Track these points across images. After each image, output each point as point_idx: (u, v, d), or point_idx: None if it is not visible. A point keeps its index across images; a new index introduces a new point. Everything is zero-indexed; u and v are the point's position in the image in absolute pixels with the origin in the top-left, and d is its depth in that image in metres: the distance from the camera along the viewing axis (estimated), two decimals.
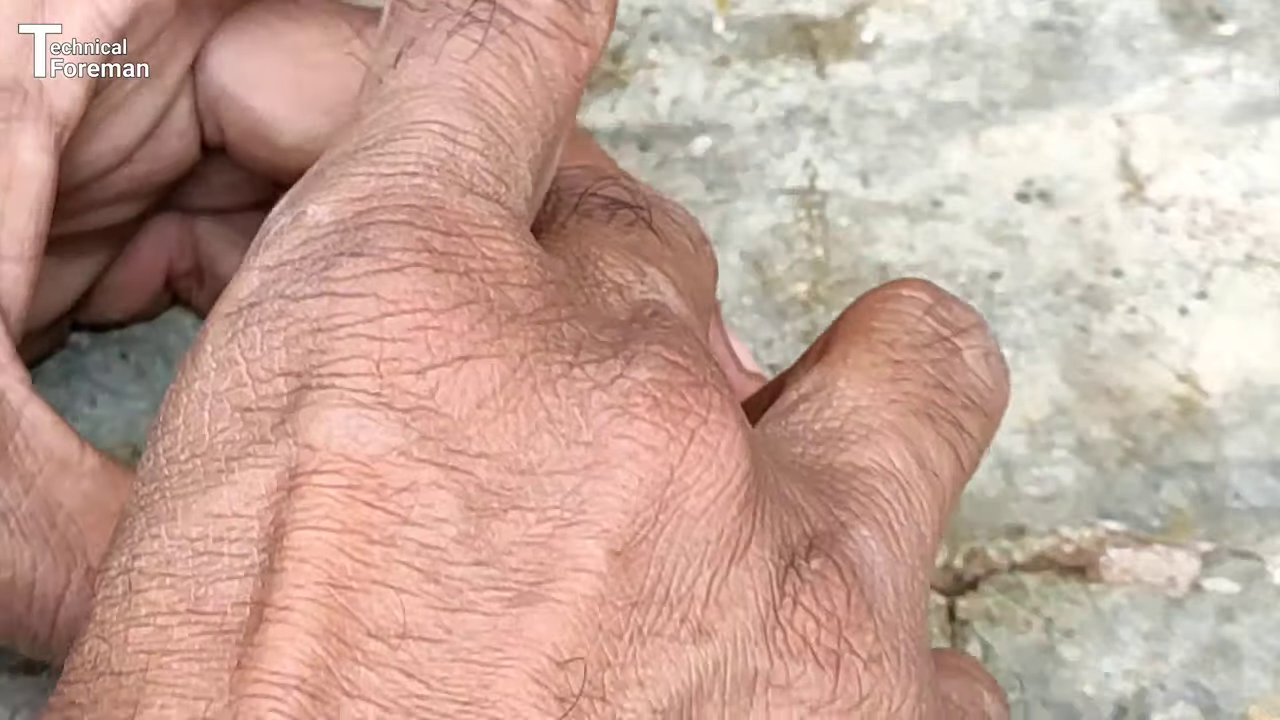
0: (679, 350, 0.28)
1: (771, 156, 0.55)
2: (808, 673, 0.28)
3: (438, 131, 0.29)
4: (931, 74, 0.58)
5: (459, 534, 0.26)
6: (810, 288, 0.52)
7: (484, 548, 0.26)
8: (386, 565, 0.25)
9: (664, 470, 0.27)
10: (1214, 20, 0.60)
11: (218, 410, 0.27)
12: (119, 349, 0.49)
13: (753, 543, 0.27)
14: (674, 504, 0.27)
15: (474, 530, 0.26)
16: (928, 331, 0.34)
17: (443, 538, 0.26)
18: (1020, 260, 0.52)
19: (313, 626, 0.25)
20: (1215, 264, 0.52)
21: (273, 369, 0.27)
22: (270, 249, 0.28)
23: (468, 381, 0.26)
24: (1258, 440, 0.49)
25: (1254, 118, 0.56)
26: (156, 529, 0.26)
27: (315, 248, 0.28)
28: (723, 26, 0.59)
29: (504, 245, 0.28)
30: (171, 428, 0.27)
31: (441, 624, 0.25)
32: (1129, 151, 0.56)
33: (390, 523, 0.25)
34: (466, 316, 0.27)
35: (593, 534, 0.26)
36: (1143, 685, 0.44)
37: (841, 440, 0.32)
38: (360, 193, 0.28)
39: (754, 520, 0.28)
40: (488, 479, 0.26)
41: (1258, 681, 0.44)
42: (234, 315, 0.28)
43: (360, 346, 0.26)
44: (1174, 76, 0.58)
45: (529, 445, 0.26)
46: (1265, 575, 0.46)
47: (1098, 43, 0.59)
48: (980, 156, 0.55)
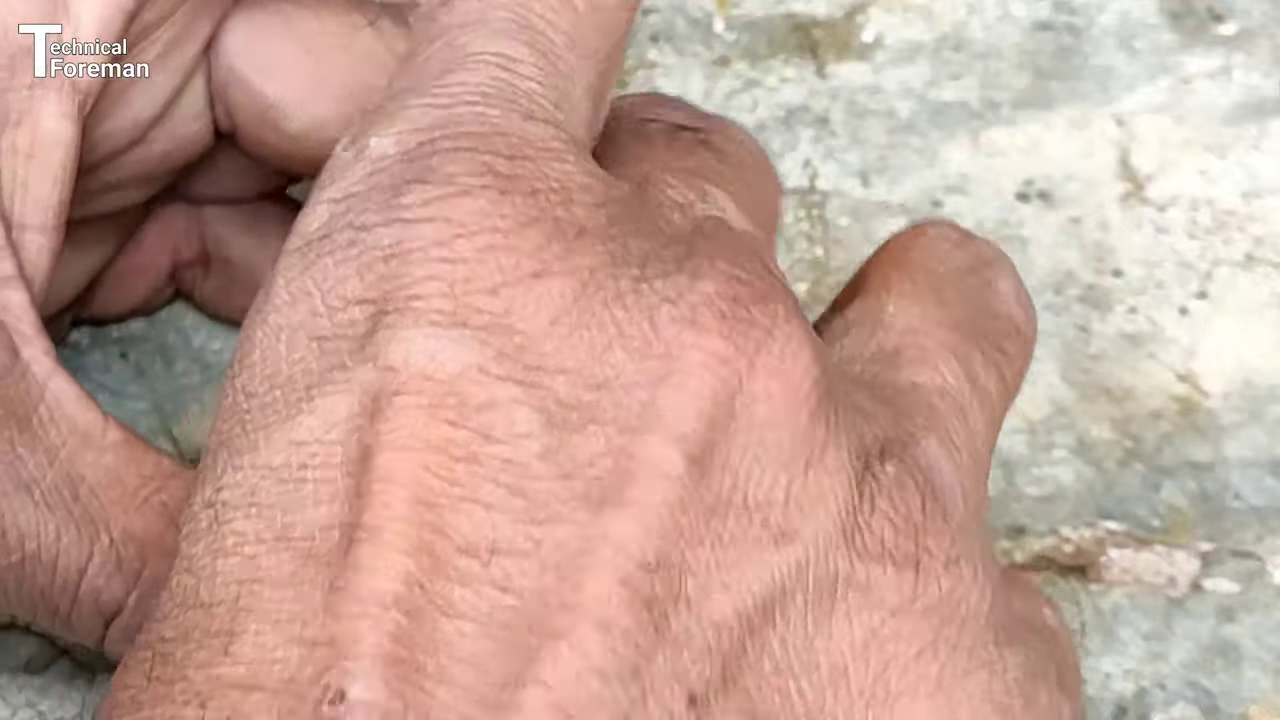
0: (742, 264, 0.28)
1: (771, 156, 0.55)
2: (888, 575, 0.28)
3: (493, 62, 0.29)
4: (931, 74, 0.58)
5: (541, 448, 0.26)
6: (810, 288, 0.52)
7: (566, 461, 0.26)
8: (473, 482, 0.25)
9: (733, 380, 0.27)
10: (1214, 20, 0.60)
11: (294, 341, 0.27)
12: (118, 349, 0.49)
13: (829, 446, 0.28)
14: (746, 412, 0.27)
15: (556, 444, 0.26)
16: (962, 262, 0.34)
17: (525, 453, 0.26)
18: (1020, 260, 0.52)
19: (404, 546, 0.25)
20: (1215, 264, 0.52)
21: (347, 297, 0.27)
22: (336, 182, 0.29)
23: (540, 299, 0.27)
24: (1258, 440, 0.49)
25: (1254, 118, 0.56)
26: (239, 460, 0.26)
27: (381, 179, 0.28)
28: (723, 26, 0.59)
29: (567, 166, 0.29)
30: (249, 364, 0.27)
31: (531, 536, 0.25)
32: (1129, 151, 0.56)
33: (474, 440, 0.26)
34: (535, 235, 0.27)
35: (670, 441, 0.26)
36: (1143, 685, 0.44)
37: (899, 358, 0.32)
38: (422, 123, 0.28)
39: (827, 425, 0.28)
40: (565, 394, 0.26)
41: (1258, 681, 0.44)
42: (304, 249, 0.28)
43: (433, 269, 0.27)
44: (1174, 76, 0.58)
45: (603, 360, 0.27)
46: (1265, 575, 0.46)
47: (1098, 43, 0.59)
48: (980, 156, 0.55)
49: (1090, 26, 0.59)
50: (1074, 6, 0.60)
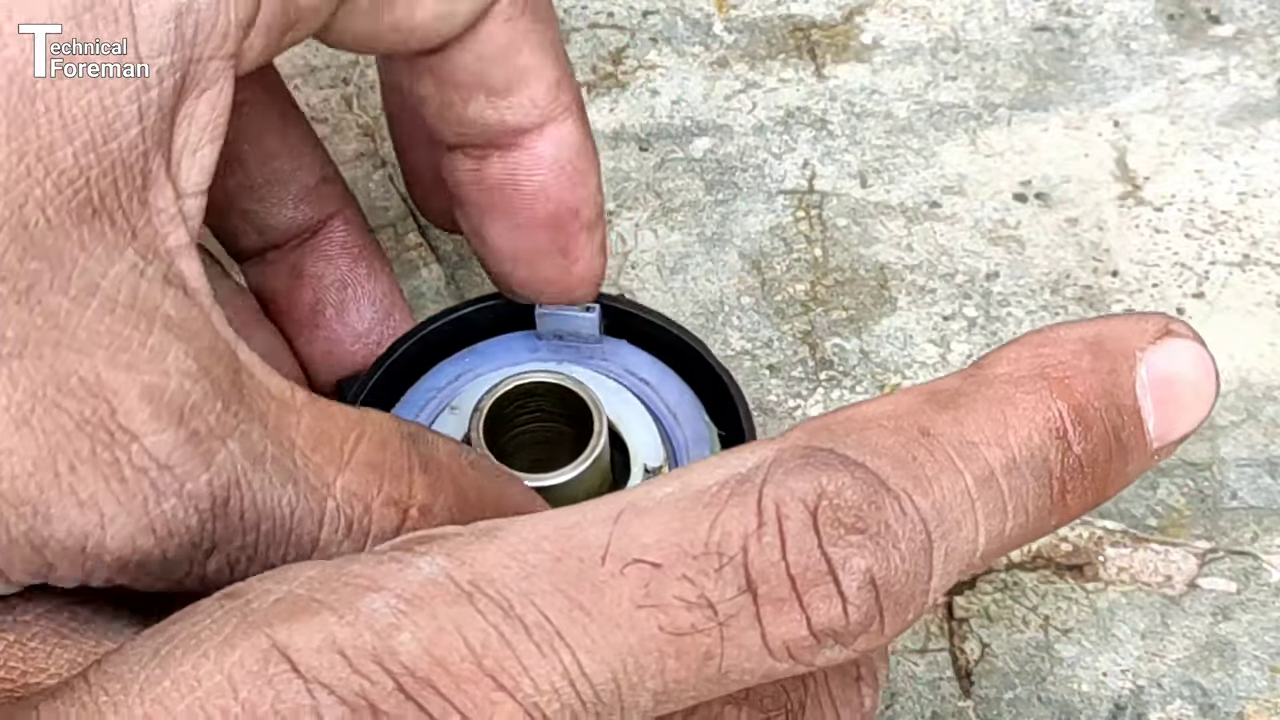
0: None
1: (770, 157, 0.55)
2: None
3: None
4: (929, 75, 0.58)
5: None
6: (809, 288, 0.52)
7: None
8: None
9: None
10: (1210, 22, 0.60)
11: None
12: None
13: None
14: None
15: None
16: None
17: None
18: (1018, 260, 0.53)
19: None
20: (1212, 264, 0.53)
21: None
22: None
23: None
24: (1254, 440, 0.49)
25: (1250, 119, 0.57)
26: None
27: None
28: (722, 28, 0.59)
29: None
30: None
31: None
32: (1126, 152, 0.56)
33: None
34: None
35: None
36: (1139, 683, 0.44)
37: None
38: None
39: None
40: None
41: (1254, 680, 0.44)
42: None
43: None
44: (1171, 78, 0.58)
45: None
46: (1262, 574, 0.46)
47: (1095, 44, 0.59)
48: (978, 157, 0.56)
49: (1087, 28, 0.60)
50: (1071, 8, 0.60)
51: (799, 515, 0.28)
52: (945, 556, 0.30)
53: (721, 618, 0.28)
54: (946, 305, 0.51)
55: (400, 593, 0.27)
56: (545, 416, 0.42)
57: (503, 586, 0.27)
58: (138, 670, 0.27)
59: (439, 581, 0.27)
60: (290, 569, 0.28)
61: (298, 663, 0.26)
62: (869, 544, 0.29)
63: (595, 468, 0.40)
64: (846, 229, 0.53)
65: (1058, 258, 0.53)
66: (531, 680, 0.27)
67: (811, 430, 0.30)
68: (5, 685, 0.31)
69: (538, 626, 0.27)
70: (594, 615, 0.27)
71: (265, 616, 0.27)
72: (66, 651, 0.32)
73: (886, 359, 0.50)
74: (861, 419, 0.30)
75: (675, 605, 0.28)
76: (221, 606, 0.27)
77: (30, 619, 0.32)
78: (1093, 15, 0.60)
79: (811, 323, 0.51)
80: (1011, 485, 0.30)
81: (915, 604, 0.29)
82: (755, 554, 0.28)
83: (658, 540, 0.28)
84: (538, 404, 0.41)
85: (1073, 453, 0.31)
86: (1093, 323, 0.33)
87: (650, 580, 0.28)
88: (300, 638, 0.27)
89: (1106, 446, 0.32)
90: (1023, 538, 0.31)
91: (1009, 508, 0.31)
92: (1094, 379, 0.32)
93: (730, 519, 0.28)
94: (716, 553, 0.28)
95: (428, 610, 0.27)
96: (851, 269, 0.52)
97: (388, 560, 0.28)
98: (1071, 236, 0.53)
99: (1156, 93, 0.57)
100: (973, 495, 0.30)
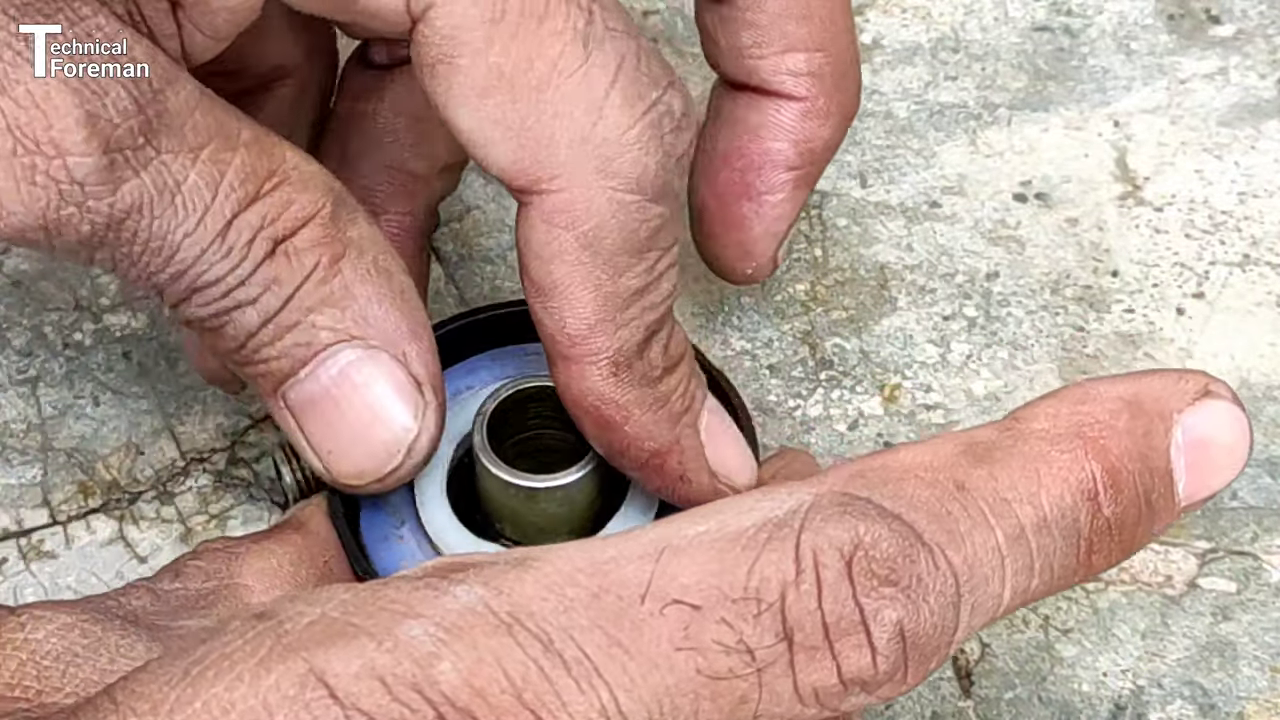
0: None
1: None
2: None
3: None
4: (929, 75, 0.58)
5: None
6: (809, 288, 0.52)
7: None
8: None
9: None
10: (1210, 22, 0.60)
11: None
12: (121, 348, 0.49)
13: None
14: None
15: None
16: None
17: None
18: (1018, 260, 0.53)
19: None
20: (1212, 264, 0.53)
21: None
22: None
23: None
24: (1255, 440, 0.49)
25: (1250, 119, 0.57)
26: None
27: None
28: None
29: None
30: None
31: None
32: (1126, 152, 0.56)
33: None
34: None
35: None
36: (1140, 683, 0.44)
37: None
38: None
39: None
40: None
41: (1254, 680, 0.44)
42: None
43: None
44: (1171, 78, 0.58)
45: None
46: (1262, 574, 0.46)
47: (1095, 44, 0.59)
48: (978, 157, 0.56)
49: (1087, 28, 0.60)
50: (1071, 8, 0.60)
51: (835, 564, 0.29)
52: (971, 610, 0.30)
53: (759, 664, 0.28)
54: (946, 305, 0.51)
55: (439, 621, 0.27)
56: (546, 422, 0.42)
57: (541, 620, 0.27)
58: (167, 691, 0.26)
59: (478, 611, 0.27)
60: (322, 591, 0.28)
61: (335, 689, 0.26)
62: (901, 596, 0.29)
63: (596, 472, 0.40)
64: (846, 229, 0.53)
65: (1058, 258, 0.53)
66: (570, 716, 0.27)
67: (848, 476, 0.30)
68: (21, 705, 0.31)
69: (576, 662, 0.27)
70: (633, 654, 0.28)
71: (301, 640, 0.27)
72: (81, 670, 0.32)
73: (886, 359, 0.50)
74: (899, 468, 0.31)
75: (714, 649, 0.28)
76: (253, 627, 0.27)
77: (42, 637, 0.32)
78: (1093, 15, 0.60)
79: (811, 323, 0.51)
80: (1040, 544, 0.31)
81: (939, 655, 0.30)
82: (793, 601, 0.28)
83: (697, 581, 0.28)
84: (539, 409, 0.41)
85: (1102, 515, 0.32)
86: (1133, 379, 0.33)
87: (690, 622, 0.28)
88: (338, 663, 0.26)
89: (1136, 509, 0.32)
90: (1045, 593, 0.32)
91: (1036, 565, 0.31)
92: (1129, 440, 0.32)
93: (769, 564, 0.29)
94: (755, 598, 0.28)
95: (467, 640, 0.27)
96: (851, 269, 0.52)
97: (423, 587, 0.28)
98: (1071, 236, 0.53)
99: (1156, 93, 0.57)
100: (1003, 552, 0.30)
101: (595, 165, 0.35)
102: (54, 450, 0.47)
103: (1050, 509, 0.31)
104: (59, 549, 0.45)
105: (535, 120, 0.35)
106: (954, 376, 0.50)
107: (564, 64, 0.35)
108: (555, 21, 0.35)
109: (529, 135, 0.35)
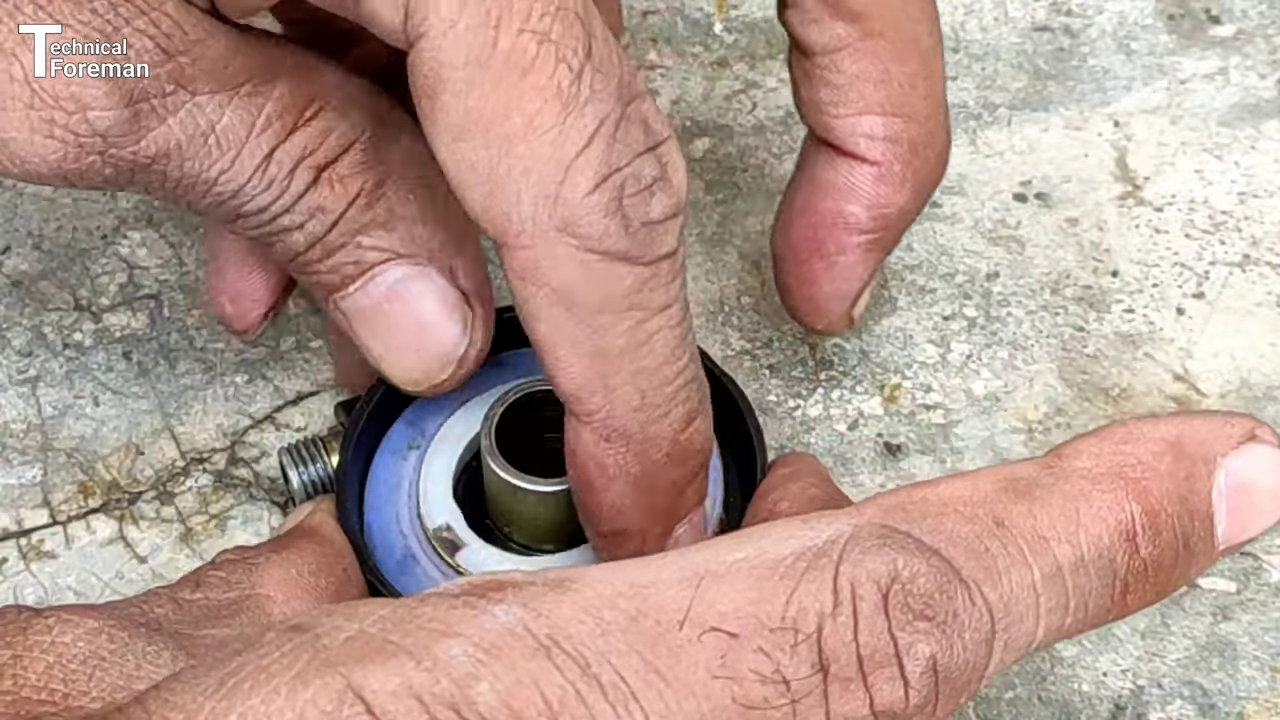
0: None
1: (770, 157, 0.55)
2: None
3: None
4: None
5: None
6: None
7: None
8: None
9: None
10: (1210, 22, 0.60)
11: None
12: (121, 348, 0.49)
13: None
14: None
15: None
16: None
17: None
18: (1018, 260, 0.53)
19: None
20: (1212, 264, 0.53)
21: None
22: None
23: None
24: None
25: (1250, 119, 0.57)
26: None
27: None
28: (722, 28, 0.59)
29: None
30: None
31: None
32: (1126, 152, 0.56)
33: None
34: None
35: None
36: (1140, 683, 0.44)
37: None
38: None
39: None
40: None
41: (1254, 680, 0.44)
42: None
43: None
44: (1171, 78, 0.58)
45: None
46: (1262, 574, 0.46)
47: (1095, 44, 0.59)
48: (978, 157, 0.56)
49: (1087, 28, 0.60)
50: (1071, 8, 0.60)
51: (872, 597, 0.29)
52: (1005, 647, 0.30)
53: (794, 695, 0.28)
54: (946, 305, 0.51)
55: (478, 641, 0.27)
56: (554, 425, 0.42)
57: (579, 643, 0.27)
58: (202, 701, 0.26)
59: (516, 632, 0.27)
60: (360, 606, 0.28)
61: (373, 705, 0.26)
62: (935, 631, 0.29)
63: None
64: None
65: (1058, 258, 0.53)
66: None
67: (888, 508, 0.30)
68: (47, 708, 0.31)
69: (613, 687, 0.27)
70: (670, 680, 0.27)
71: (338, 655, 0.27)
72: (107, 675, 0.32)
73: (886, 359, 0.50)
74: (939, 502, 0.31)
75: (750, 678, 0.28)
76: (290, 640, 0.27)
77: (70, 641, 0.32)
78: (1093, 15, 0.60)
79: None
80: (1076, 583, 0.31)
81: (969, 689, 0.30)
82: (829, 633, 0.28)
83: (735, 609, 0.28)
84: (546, 412, 0.41)
85: (1139, 556, 0.32)
86: (1178, 420, 0.33)
87: (727, 650, 0.28)
88: (375, 680, 0.26)
89: (1174, 551, 0.32)
90: (1078, 631, 0.32)
91: (1071, 604, 0.31)
92: (1171, 483, 0.32)
93: (807, 594, 0.29)
94: (793, 629, 0.28)
95: (506, 661, 0.27)
96: None
97: (461, 606, 0.28)
98: (1071, 236, 0.53)
99: (1156, 93, 0.57)
100: (1038, 590, 0.30)
101: (556, 225, 0.35)
102: (54, 450, 0.47)
103: (1088, 549, 0.31)
104: (59, 549, 0.45)
105: (505, 172, 0.35)
106: (954, 376, 0.50)
107: (539, 121, 0.35)
108: (539, 77, 0.35)
109: (498, 186, 0.35)
